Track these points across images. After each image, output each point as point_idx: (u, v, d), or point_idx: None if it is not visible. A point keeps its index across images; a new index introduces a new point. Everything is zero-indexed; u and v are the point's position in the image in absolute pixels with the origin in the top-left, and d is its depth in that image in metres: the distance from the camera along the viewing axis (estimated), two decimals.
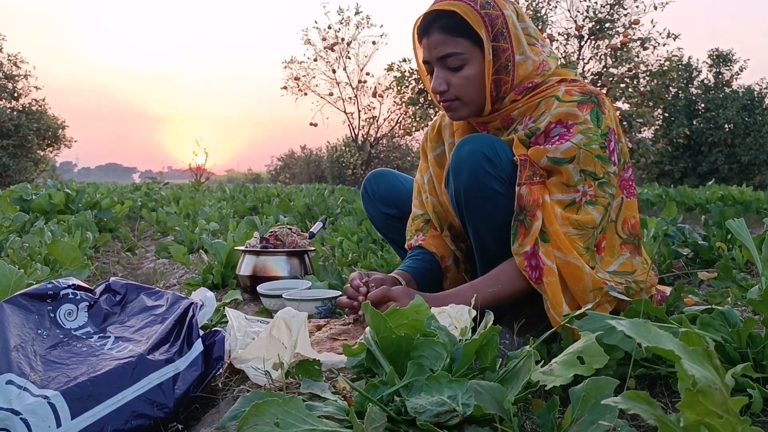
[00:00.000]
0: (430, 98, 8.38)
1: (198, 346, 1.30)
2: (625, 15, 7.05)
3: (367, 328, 1.14)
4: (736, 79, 17.14)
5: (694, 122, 16.70)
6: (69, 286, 1.35)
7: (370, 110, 12.83)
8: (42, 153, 18.05)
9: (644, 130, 7.26)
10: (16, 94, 17.21)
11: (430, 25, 1.52)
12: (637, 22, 7.02)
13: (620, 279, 1.49)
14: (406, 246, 1.83)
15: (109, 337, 1.30)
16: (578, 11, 6.86)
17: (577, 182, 1.46)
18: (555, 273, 1.42)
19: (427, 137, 1.84)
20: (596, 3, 6.95)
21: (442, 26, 1.49)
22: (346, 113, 12.59)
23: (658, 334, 0.63)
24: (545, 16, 7.61)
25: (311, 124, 11.09)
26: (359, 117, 12.69)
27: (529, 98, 1.54)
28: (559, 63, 1.63)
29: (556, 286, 1.41)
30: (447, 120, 1.77)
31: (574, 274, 1.43)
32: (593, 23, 6.90)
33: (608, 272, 1.50)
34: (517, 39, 1.51)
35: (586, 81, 1.64)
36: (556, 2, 7.44)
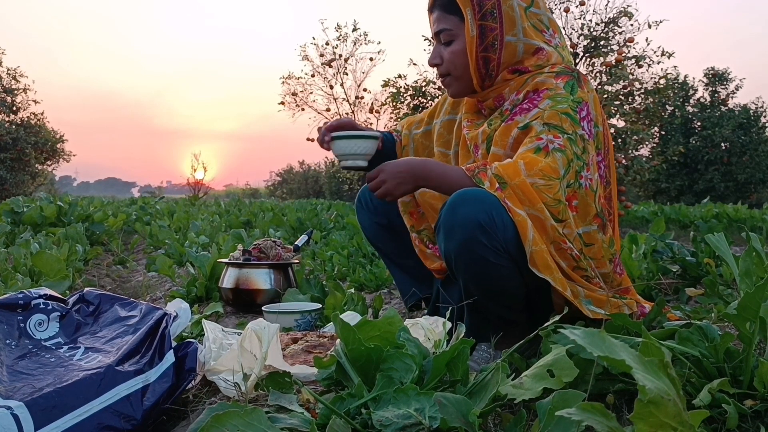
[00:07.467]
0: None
1: (170, 358, 1.28)
2: (620, 33, 7.08)
3: (338, 340, 1.13)
4: (732, 97, 17.18)
5: (691, 140, 16.71)
6: (41, 296, 1.34)
7: (367, 126, 12.87)
8: (40, 167, 18.00)
9: (640, 148, 7.23)
10: (14, 108, 17.20)
11: (433, 4, 1.66)
12: (631, 40, 7.04)
13: (578, 246, 1.47)
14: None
15: (79, 347, 1.28)
16: (573, 29, 6.88)
17: (540, 132, 1.46)
18: (522, 216, 1.38)
19: (442, 103, 1.90)
20: (591, 21, 6.98)
21: (440, 4, 1.63)
22: None
23: (612, 344, 0.62)
24: None
25: (308, 139, 11.11)
26: None
27: (520, 77, 1.59)
28: (567, 60, 1.64)
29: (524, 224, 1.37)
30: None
31: (540, 226, 1.40)
32: (588, 41, 6.93)
33: (578, 233, 1.48)
34: (511, 21, 1.56)
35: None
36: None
